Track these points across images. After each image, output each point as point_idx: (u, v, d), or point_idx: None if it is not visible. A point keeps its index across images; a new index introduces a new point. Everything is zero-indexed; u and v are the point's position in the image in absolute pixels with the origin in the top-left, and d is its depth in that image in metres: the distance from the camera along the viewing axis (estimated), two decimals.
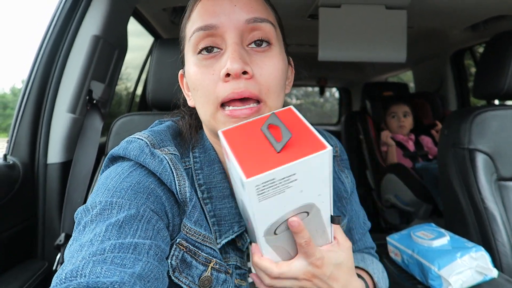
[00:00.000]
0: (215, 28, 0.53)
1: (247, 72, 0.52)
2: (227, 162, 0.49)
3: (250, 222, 0.51)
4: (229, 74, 0.51)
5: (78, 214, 0.50)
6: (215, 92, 0.53)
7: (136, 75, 2.23)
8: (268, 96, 0.54)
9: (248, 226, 0.55)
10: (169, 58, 1.08)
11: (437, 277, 0.89)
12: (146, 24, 1.78)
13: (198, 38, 0.54)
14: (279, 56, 0.56)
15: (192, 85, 0.56)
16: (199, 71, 0.54)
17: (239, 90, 0.51)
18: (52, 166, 1.14)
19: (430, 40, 2.21)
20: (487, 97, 1.33)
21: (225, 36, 0.53)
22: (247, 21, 0.53)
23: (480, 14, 1.67)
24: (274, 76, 0.54)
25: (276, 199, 0.44)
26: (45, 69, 1.11)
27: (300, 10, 1.63)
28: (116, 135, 1.12)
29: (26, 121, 1.10)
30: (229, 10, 0.53)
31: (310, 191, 0.46)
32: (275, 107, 0.55)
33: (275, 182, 0.42)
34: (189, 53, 0.57)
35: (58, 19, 1.11)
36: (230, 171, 0.51)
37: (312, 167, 0.43)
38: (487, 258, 0.91)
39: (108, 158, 0.58)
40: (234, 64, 0.50)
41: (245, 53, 0.53)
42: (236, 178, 0.46)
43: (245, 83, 0.52)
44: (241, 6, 0.54)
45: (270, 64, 0.54)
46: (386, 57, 1.51)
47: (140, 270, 0.41)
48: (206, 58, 0.54)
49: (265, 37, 0.55)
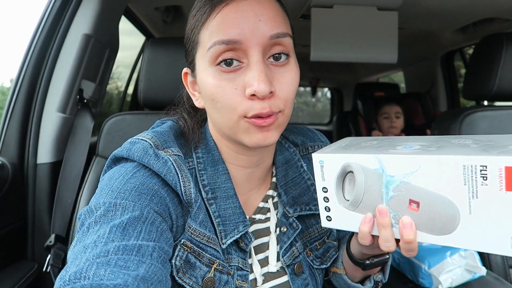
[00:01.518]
0: (239, 43, 0.51)
1: (272, 92, 0.52)
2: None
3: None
4: (255, 94, 0.51)
5: (81, 215, 0.50)
6: (239, 108, 0.52)
7: (128, 74, 2.21)
8: (286, 106, 0.55)
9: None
10: (161, 58, 1.08)
11: (428, 275, 0.90)
12: (138, 23, 1.77)
13: (219, 51, 0.52)
14: (296, 68, 0.57)
15: (210, 96, 0.54)
16: (220, 84, 0.53)
17: (265, 110, 0.51)
18: (42, 166, 1.13)
19: (421, 41, 2.23)
20: (477, 98, 1.35)
21: (248, 52, 0.52)
22: (271, 37, 0.52)
23: (469, 17, 1.70)
24: (292, 90, 0.55)
25: None
26: (35, 68, 1.10)
27: (293, 10, 1.63)
28: (107, 135, 1.11)
29: (15, 121, 1.09)
30: (253, 24, 0.51)
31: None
32: (289, 114, 0.56)
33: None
34: (205, 62, 0.55)
35: (48, 18, 1.10)
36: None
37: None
38: (476, 256, 0.92)
39: (110, 159, 0.58)
40: (261, 85, 0.50)
41: (268, 70, 0.53)
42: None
43: (269, 103, 0.52)
44: (265, 21, 0.52)
45: (289, 79, 0.54)
46: (377, 57, 1.53)
47: (143, 272, 0.41)
48: (226, 72, 0.53)
49: (285, 51, 0.54)
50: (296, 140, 0.74)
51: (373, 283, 0.69)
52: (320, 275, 0.70)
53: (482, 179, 0.40)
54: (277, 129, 0.55)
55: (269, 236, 0.65)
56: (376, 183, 0.48)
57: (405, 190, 0.46)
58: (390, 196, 0.48)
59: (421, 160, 0.44)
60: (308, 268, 0.68)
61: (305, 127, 0.80)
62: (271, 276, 0.64)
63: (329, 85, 4.57)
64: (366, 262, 0.62)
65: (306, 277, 0.67)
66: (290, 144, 0.72)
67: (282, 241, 0.65)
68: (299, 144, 0.73)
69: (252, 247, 0.63)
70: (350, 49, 1.50)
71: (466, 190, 0.42)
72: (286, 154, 0.70)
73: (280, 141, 0.71)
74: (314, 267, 0.68)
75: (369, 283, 0.69)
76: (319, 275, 0.70)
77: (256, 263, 0.63)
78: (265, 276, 0.63)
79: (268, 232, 0.65)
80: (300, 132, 0.76)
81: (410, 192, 0.46)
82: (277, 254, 0.65)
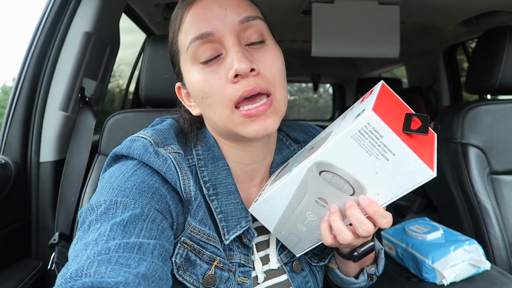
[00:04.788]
0: (212, 34, 0.53)
1: (254, 69, 0.52)
2: (357, 104, 0.52)
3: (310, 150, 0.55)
4: (238, 75, 0.52)
5: (82, 213, 0.50)
6: (227, 95, 0.53)
7: (129, 72, 2.21)
8: (275, 88, 0.55)
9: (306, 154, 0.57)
10: (161, 55, 1.07)
11: (431, 270, 0.90)
12: (138, 21, 1.76)
13: (196, 47, 0.54)
14: (276, 48, 0.58)
15: (199, 94, 0.56)
16: (204, 78, 0.54)
17: (250, 87, 0.52)
18: (44, 164, 1.13)
19: (423, 35, 2.22)
20: (480, 92, 1.35)
21: (223, 40, 0.54)
22: (240, 21, 0.54)
23: (472, 10, 1.68)
24: (277, 68, 0.56)
25: (358, 152, 0.46)
26: (36, 67, 1.10)
27: (293, 6, 1.62)
28: (109, 133, 1.11)
29: (18, 120, 1.09)
30: (221, 14, 0.54)
31: (381, 181, 0.48)
32: (282, 98, 0.57)
33: (378, 138, 0.44)
34: (188, 64, 0.57)
35: (49, 16, 1.09)
36: (352, 110, 0.53)
37: (408, 171, 0.46)
38: (480, 251, 0.92)
39: (110, 157, 0.58)
40: (241, 63, 0.51)
41: (246, 52, 0.54)
42: (353, 111, 0.50)
43: (254, 80, 0.53)
44: (231, 8, 0.54)
45: (270, 58, 0.56)
46: (379, 52, 1.52)
47: (144, 270, 0.41)
48: (209, 66, 0.54)
49: (259, 33, 0.56)
50: (298, 137, 0.74)
51: (366, 275, 0.69)
52: (319, 272, 0.70)
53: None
54: (276, 115, 0.56)
55: (269, 234, 0.66)
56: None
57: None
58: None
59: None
60: (307, 265, 0.68)
61: (306, 123, 0.79)
62: (272, 273, 0.64)
63: (331, 81, 4.55)
64: (354, 254, 0.62)
65: (306, 274, 0.67)
66: (291, 141, 0.72)
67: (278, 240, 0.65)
68: (300, 141, 0.73)
69: (254, 244, 0.63)
70: (351, 44, 1.49)
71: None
72: (286, 152, 0.70)
73: (281, 138, 0.71)
74: (313, 264, 0.69)
75: (363, 276, 0.69)
76: (318, 272, 0.70)
77: (258, 260, 0.63)
78: (266, 274, 0.63)
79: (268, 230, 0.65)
80: (301, 129, 0.76)
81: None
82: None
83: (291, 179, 0.53)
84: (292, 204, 0.56)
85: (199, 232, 0.54)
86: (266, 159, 0.66)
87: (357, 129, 0.45)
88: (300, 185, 0.53)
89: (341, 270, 0.70)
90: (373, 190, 0.50)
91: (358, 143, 0.46)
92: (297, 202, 0.55)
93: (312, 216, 0.56)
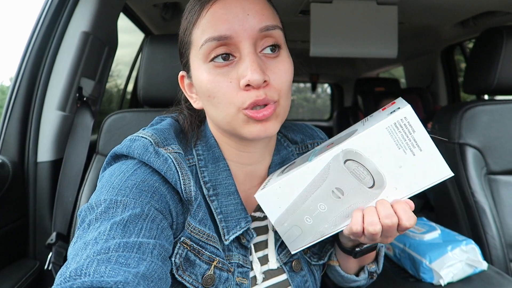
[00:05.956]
0: (230, 38, 0.52)
1: (266, 81, 0.53)
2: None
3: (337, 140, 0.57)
4: (249, 84, 0.52)
5: (82, 211, 0.50)
6: (235, 100, 0.53)
7: (127, 72, 2.20)
8: (281, 96, 0.55)
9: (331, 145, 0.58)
10: (160, 55, 1.07)
11: (429, 270, 0.90)
12: (137, 20, 1.76)
13: (211, 47, 0.53)
14: (288, 60, 0.58)
15: (206, 92, 0.55)
16: (214, 79, 0.54)
17: (261, 98, 0.52)
18: (42, 164, 1.13)
19: (420, 36, 2.22)
20: (477, 92, 1.35)
21: (239, 45, 0.53)
22: (260, 29, 0.53)
23: (469, 10, 1.69)
24: (286, 80, 0.56)
25: (389, 144, 0.50)
26: (33, 66, 1.10)
27: (292, 6, 1.62)
28: (107, 133, 1.11)
29: (15, 119, 1.09)
30: (242, 18, 0.53)
31: (403, 175, 0.51)
32: (286, 105, 0.57)
33: (410, 133, 0.48)
34: (199, 60, 0.56)
35: (47, 15, 1.09)
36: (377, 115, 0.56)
37: (429, 168, 0.50)
38: (477, 251, 0.92)
39: (110, 156, 0.58)
40: (255, 75, 0.51)
41: (260, 61, 0.54)
42: (376, 116, 0.54)
43: (264, 91, 0.53)
44: (253, 14, 0.53)
45: (282, 69, 0.56)
46: (377, 52, 1.52)
47: (144, 270, 0.41)
48: (220, 66, 0.54)
49: (276, 43, 0.56)
50: (296, 138, 0.74)
51: (367, 273, 0.70)
52: (318, 271, 0.71)
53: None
54: (276, 120, 0.56)
55: (267, 234, 0.66)
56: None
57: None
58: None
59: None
60: (306, 265, 0.68)
61: (304, 124, 0.79)
62: (271, 274, 0.64)
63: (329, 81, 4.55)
64: (356, 249, 0.63)
65: (305, 273, 0.67)
66: (289, 142, 0.72)
67: (277, 239, 0.65)
68: (298, 142, 0.73)
69: (252, 244, 0.63)
70: (350, 44, 1.50)
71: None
72: (284, 153, 0.70)
73: (279, 139, 0.71)
74: (312, 263, 0.69)
75: (364, 273, 0.70)
76: (317, 271, 0.70)
77: (256, 260, 0.63)
78: (265, 274, 0.63)
79: (267, 230, 0.65)
80: (299, 129, 0.76)
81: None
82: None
83: (311, 166, 0.54)
84: (305, 193, 0.56)
85: (199, 232, 0.55)
86: (265, 160, 0.66)
87: (393, 122, 0.48)
88: (320, 173, 0.54)
89: (342, 268, 0.70)
90: (392, 184, 0.52)
91: (391, 136, 0.49)
92: (312, 191, 0.55)
93: (323, 208, 0.56)
